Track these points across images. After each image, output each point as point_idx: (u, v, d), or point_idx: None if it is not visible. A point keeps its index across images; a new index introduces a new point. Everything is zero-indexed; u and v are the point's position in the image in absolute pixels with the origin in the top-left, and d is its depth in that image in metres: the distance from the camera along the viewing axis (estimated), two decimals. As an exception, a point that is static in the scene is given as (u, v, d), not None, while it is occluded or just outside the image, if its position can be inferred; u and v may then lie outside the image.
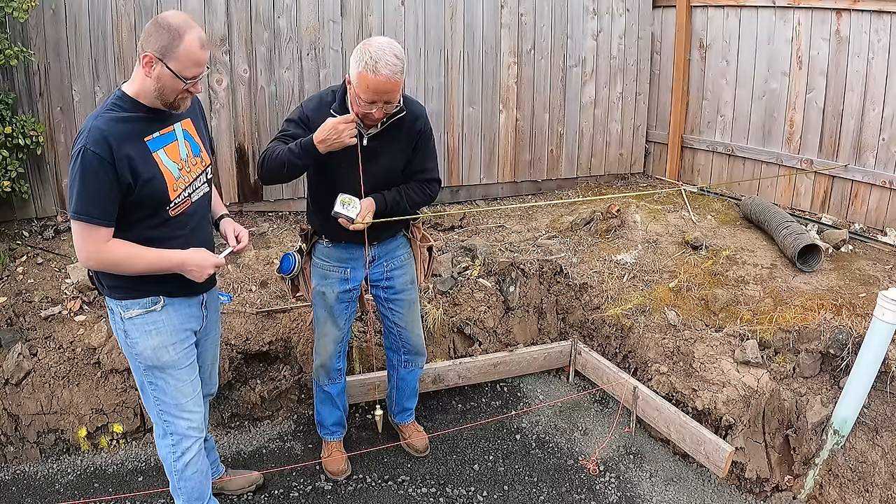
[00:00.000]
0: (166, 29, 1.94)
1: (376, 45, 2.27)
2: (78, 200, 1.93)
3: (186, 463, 2.37)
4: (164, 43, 1.93)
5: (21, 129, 3.60)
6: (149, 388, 2.30)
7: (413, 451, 3.17)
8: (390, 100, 2.36)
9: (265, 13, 4.28)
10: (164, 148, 2.09)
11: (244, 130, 4.40)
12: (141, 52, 1.96)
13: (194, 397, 2.34)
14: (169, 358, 2.24)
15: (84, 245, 1.99)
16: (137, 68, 2.00)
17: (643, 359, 3.47)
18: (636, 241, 4.25)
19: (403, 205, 2.63)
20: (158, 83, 1.98)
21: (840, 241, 4.12)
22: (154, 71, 1.96)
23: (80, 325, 3.25)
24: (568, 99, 5.37)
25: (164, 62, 1.94)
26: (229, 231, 2.36)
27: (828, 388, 2.85)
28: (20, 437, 3.06)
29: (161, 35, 1.93)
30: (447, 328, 3.68)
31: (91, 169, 1.91)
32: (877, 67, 4.26)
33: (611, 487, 3.00)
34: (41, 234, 3.94)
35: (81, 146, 1.90)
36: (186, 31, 1.96)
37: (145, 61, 1.94)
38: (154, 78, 1.97)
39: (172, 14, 2.01)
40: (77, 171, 1.91)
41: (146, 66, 1.95)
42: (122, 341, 2.25)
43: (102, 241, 1.99)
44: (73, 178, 1.92)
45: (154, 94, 2.01)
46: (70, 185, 1.94)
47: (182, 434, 2.34)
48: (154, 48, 1.93)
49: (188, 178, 2.17)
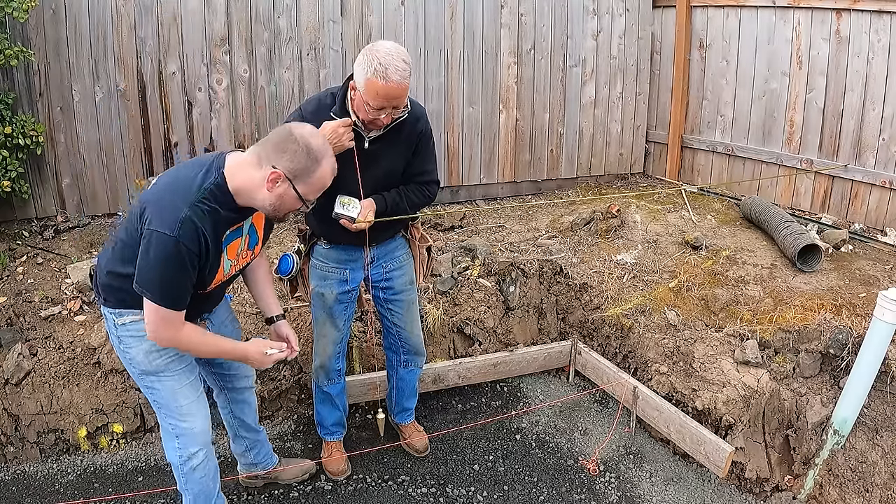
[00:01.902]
0: (305, 151, 1.88)
1: (384, 51, 2.24)
2: (163, 289, 1.91)
3: (194, 467, 2.37)
4: (299, 166, 1.89)
5: (21, 129, 3.60)
6: (148, 393, 2.31)
7: (413, 451, 3.17)
8: (399, 105, 2.35)
9: (265, 13, 4.28)
10: (230, 244, 2.07)
11: (244, 130, 4.40)
12: (265, 161, 1.89)
13: (194, 400, 2.33)
14: (162, 362, 2.23)
15: (161, 329, 2.00)
16: (247, 163, 1.93)
17: (643, 359, 3.47)
18: (636, 241, 4.25)
19: (403, 206, 2.63)
20: (279, 200, 1.94)
21: (840, 241, 4.12)
22: (278, 188, 1.91)
23: (80, 325, 3.25)
24: (568, 99, 5.37)
25: (293, 184, 1.90)
26: (292, 337, 2.38)
27: (828, 388, 2.84)
28: (20, 437, 3.05)
29: (298, 156, 1.88)
30: (447, 328, 3.68)
31: (181, 262, 1.89)
32: (877, 67, 4.26)
33: (611, 487, 3.00)
34: (41, 234, 3.94)
35: (174, 238, 1.85)
36: (324, 157, 1.92)
37: (272, 177, 1.88)
38: (275, 194, 1.92)
39: (313, 133, 1.95)
40: (164, 259, 1.87)
41: (271, 182, 1.89)
42: (117, 347, 2.26)
43: (180, 324, 2.01)
44: (158, 264, 1.88)
45: (267, 206, 1.96)
46: (149, 268, 1.89)
47: (187, 436, 2.33)
48: (287, 168, 1.88)
49: (232, 272, 2.17)
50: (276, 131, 1.96)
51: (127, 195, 4.19)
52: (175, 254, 1.86)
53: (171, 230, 1.84)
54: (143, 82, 4.09)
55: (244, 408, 2.71)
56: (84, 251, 3.83)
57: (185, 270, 1.92)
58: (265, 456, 2.87)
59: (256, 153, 1.94)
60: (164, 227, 1.85)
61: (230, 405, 2.69)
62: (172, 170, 2.10)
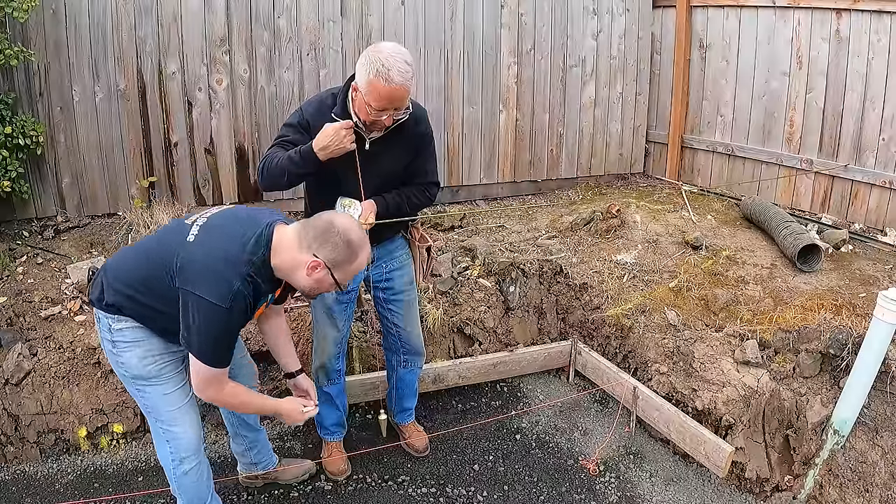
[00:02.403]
0: (345, 244, 2.02)
1: (387, 52, 2.23)
2: (213, 351, 2.03)
3: (186, 471, 2.37)
4: (339, 258, 2.03)
5: (21, 129, 3.60)
6: (138, 397, 2.31)
7: (413, 451, 3.17)
8: (400, 106, 2.35)
9: (265, 13, 4.28)
10: (259, 307, 2.16)
11: (244, 130, 4.40)
12: (307, 247, 2.02)
13: (184, 405, 2.33)
14: (155, 368, 2.24)
15: (210, 388, 2.12)
16: (291, 244, 2.04)
17: (643, 359, 3.47)
18: (636, 241, 4.25)
19: (404, 207, 2.62)
20: (316, 284, 2.08)
21: (840, 241, 4.12)
22: (317, 273, 2.04)
23: (80, 325, 3.25)
24: (568, 99, 5.37)
25: (332, 272, 2.05)
26: (311, 391, 2.50)
27: (828, 388, 2.84)
28: (20, 437, 3.05)
29: (339, 248, 2.02)
30: (447, 328, 3.68)
31: (230, 329, 2.03)
32: (877, 67, 4.26)
33: (611, 487, 3.00)
34: (41, 234, 3.94)
35: (226, 310, 1.95)
36: (361, 250, 2.07)
37: (313, 264, 2.02)
38: (314, 279, 2.05)
39: (352, 227, 2.08)
40: (215, 327, 1.98)
41: (311, 268, 2.03)
42: (109, 351, 2.26)
43: (225, 381, 2.15)
44: (208, 330, 1.98)
45: (304, 286, 2.11)
46: (198, 332, 1.99)
47: (178, 441, 2.33)
48: (327, 257, 2.02)
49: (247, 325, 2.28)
50: (320, 219, 2.08)
51: (127, 195, 4.19)
52: (226, 322, 1.99)
53: (222, 301, 1.95)
54: (143, 82, 4.09)
55: None
56: (84, 251, 3.83)
57: (233, 335, 2.07)
58: (265, 456, 2.87)
59: (299, 235, 2.05)
60: (214, 297, 1.94)
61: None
62: (218, 228, 2.10)
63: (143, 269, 2.14)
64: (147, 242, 2.26)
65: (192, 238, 2.06)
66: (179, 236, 2.09)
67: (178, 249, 2.04)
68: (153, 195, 4.23)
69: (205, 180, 4.38)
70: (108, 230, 4.04)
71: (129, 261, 2.22)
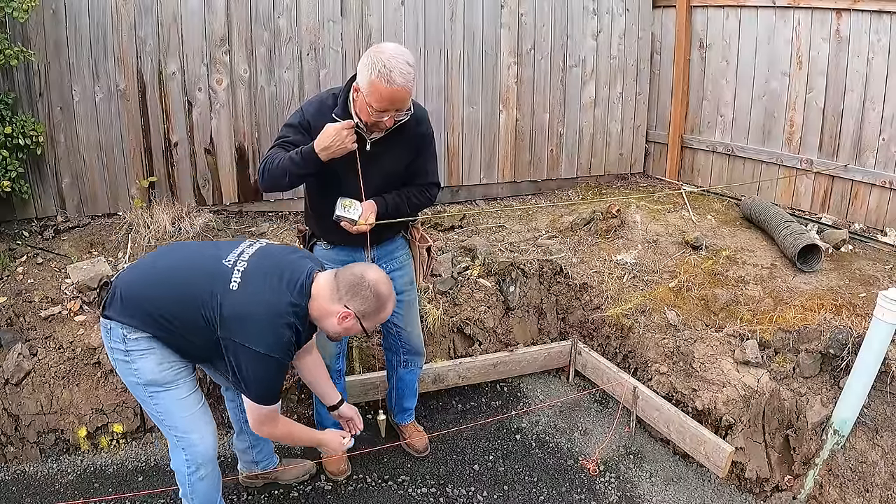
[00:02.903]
0: (375, 297, 2.17)
1: (389, 53, 2.23)
2: (267, 394, 2.18)
3: (202, 477, 2.37)
4: (369, 309, 2.18)
5: (21, 129, 3.60)
6: (151, 404, 2.30)
7: (413, 451, 3.17)
8: (402, 108, 2.34)
9: (265, 13, 4.28)
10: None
11: (244, 130, 4.40)
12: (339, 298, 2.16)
13: (199, 409, 2.35)
14: (171, 373, 2.26)
15: (265, 425, 2.28)
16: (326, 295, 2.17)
17: (643, 359, 3.47)
18: (636, 241, 4.25)
19: (404, 208, 2.62)
20: (345, 331, 2.24)
21: (840, 241, 4.12)
22: (347, 322, 2.19)
23: (80, 325, 3.25)
24: (568, 99, 5.37)
25: (361, 321, 2.20)
26: (356, 417, 2.62)
27: (828, 388, 2.84)
28: (20, 437, 3.05)
29: (369, 301, 2.17)
30: (447, 328, 3.68)
31: (279, 373, 2.17)
32: (877, 67, 4.25)
33: (611, 487, 3.00)
34: (41, 234, 3.94)
35: (277, 359, 2.09)
36: (389, 301, 2.23)
37: (344, 315, 2.17)
38: (343, 327, 2.21)
39: (381, 280, 2.21)
40: (266, 372, 2.12)
41: (342, 318, 2.18)
42: (120, 360, 2.25)
43: (279, 417, 2.33)
44: (261, 376, 2.12)
45: (332, 333, 2.26)
46: (251, 379, 2.12)
47: (195, 449, 2.32)
48: (358, 309, 2.17)
49: None
50: (351, 272, 2.20)
51: (127, 195, 4.19)
52: (277, 369, 2.14)
53: (273, 352, 2.08)
54: (143, 82, 4.09)
55: None
56: (84, 251, 3.83)
57: (283, 377, 2.22)
58: (266, 455, 2.88)
59: (332, 286, 2.18)
60: (264, 349, 2.07)
61: (239, 399, 2.69)
62: (261, 276, 2.16)
63: (170, 302, 2.17)
64: (169, 266, 2.26)
65: (235, 286, 2.12)
66: (218, 280, 2.14)
67: (218, 296, 2.10)
68: (153, 195, 4.23)
69: (205, 180, 4.38)
70: (108, 230, 4.04)
71: (150, 286, 2.22)
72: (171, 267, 2.27)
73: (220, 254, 2.23)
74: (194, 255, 2.32)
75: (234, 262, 2.18)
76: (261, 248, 2.29)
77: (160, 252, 2.44)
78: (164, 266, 2.29)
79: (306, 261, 2.27)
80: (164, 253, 2.41)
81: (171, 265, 2.28)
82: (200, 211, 4.26)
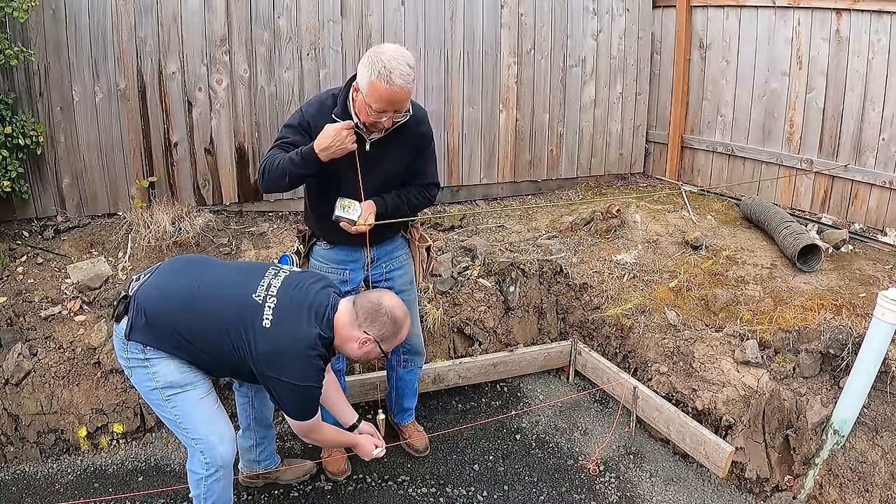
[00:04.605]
0: (392, 321, 2.31)
1: (389, 54, 2.23)
2: (307, 411, 2.32)
3: (218, 478, 2.38)
4: (386, 333, 2.32)
5: (21, 129, 3.60)
6: (168, 408, 2.31)
7: (413, 451, 3.18)
8: (401, 108, 2.35)
9: (265, 13, 4.27)
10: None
11: (244, 130, 4.40)
12: (359, 325, 2.29)
13: (216, 410, 2.37)
14: (190, 374, 2.30)
15: (310, 434, 2.43)
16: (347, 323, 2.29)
17: (643, 359, 3.47)
18: (636, 241, 4.25)
19: (403, 208, 2.62)
20: (365, 354, 2.36)
21: (840, 241, 4.12)
22: (367, 346, 2.32)
23: (80, 325, 3.25)
24: (568, 99, 5.37)
25: (380, 344, 2.33)
26: (377, 434, 2.68)
27: (828, 388, 2.84)
28: (20, 437, 3.06)
29: (386, 326, 2.31)
30: (447, 328, 3.68)
31: (317, 393, 2.29)
32: (877, 67, 4.25)
33: (611, 487, 3.00)
34: (41, 234, 3.93)
35: (311, 386, 2.24)
36: (405, 325, 2.37)
37: (364, 340, 2.30)
38: (363, 351, 2.33)
39: (397, 305, 2.36)
40: (306, 397, 2.27)
41: (362, 343, 2.30)
42: (136, 368, 2.28)
43: (322, 424, 2.44)
44: (302, 400, 2.27)
45: (353, 357, 2.39)
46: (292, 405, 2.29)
47: (214, 451, 2.33)
48: (377, 334, 2.31)
49: None
50: (369, 300, 2.33)
51: (127, 195, 4.19)
52: (312, 392, 2.28)
53: (307, 381, 2.23)
54: (143, 82, 4.09)
55: (265, 398, 2.71)
56: (84, 251, 3.83)
57: (318, 395, 2.32)
58: (269, 455, 2.88)
59: (350, 314, 2.30)
60: (299, 380, 2.21)
61: (252, 394, 2.71)
62: (292, 312, 2.24)
63: (198, 329, 2.23)
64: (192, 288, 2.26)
65: (268, 324, 2.20)
66: (248, 314, 2.21)
67: (250, 332, 2.19)
68: (153, 195, 4.23)
69: (205, 180, 4.38)
70: (108, 230, 4.03)
71: (174, 312, 2.24)
72: (200, 297, 2.25)
73: (248, 283, 2.29)
74: (222, 282, 2.32)
75: (263, 297, 2.24)
76: (286, 278, 2.33)
77: (180, 266, 2.41)
78: (192, 292, 2.27)
79: (329, 290, 2.36)
80: (185, 270, 2.37)
81: (200, 295, 2.26)
82: (200, 211, 4.25)
